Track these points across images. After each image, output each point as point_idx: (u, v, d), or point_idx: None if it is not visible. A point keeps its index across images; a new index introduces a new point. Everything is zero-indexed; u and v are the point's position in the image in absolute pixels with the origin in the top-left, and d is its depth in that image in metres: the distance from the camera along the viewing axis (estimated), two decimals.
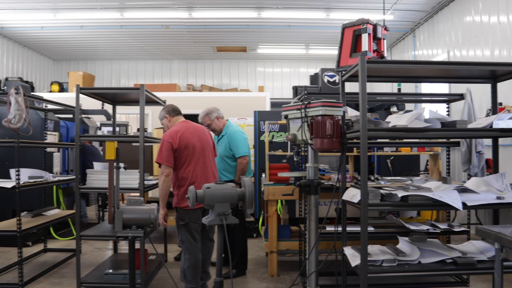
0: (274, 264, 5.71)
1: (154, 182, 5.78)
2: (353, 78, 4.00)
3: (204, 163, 4.77)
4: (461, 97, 5.22)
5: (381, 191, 3.85)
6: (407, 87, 11.61)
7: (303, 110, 4.02)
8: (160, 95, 6.18)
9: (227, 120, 5.95)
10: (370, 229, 4.79)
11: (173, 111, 5.03)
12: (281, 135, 7.31)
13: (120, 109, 6.69)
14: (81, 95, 5.25)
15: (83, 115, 8.83)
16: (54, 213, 6.52)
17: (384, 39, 4.07)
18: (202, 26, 11.78)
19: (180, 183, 4.70)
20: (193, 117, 5.45)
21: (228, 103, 6.08)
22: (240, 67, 15.73)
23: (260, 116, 7.57)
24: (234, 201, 3.44)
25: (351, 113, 4.24)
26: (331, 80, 7.06)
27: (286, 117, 4.36)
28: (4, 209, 7.35)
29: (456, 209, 3.56)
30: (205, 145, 4.85)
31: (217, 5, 10.22)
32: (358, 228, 3.59)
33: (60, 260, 6.49)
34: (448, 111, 5.50)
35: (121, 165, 5.00)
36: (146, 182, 5.30)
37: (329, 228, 4.83)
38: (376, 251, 3.99)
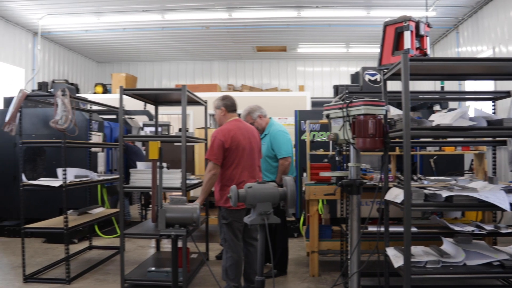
0: (315, 264, 5.68)
1: (196, 181, 5.83)
2: (395, 76, 3.94)
3: (252, 166, 4.78)
4: (507, 94, 5.06)
5: (425, 191, 3.78)
6: (451, 85, 11.35)
7: (345, 109, 3.98)
8: (201, 95, 6.24)
9: (270, 118, 5.94)
10: (413, 229, 4.70)
11: (231, 107, 4.98)
12: (322, 135, 7.27)
13: (161, 109, 6.77)
14: (124, 96, 5.36)
15: (126, 116, 8.99)
16: (98, 211, 6.68)
17: (427, 36, 4.00)
18: (242, 26, 11.83)
19: (226, 183, 4.71)
20: None
21: (269, 103, 6.08)
22: (280, 67, 15.71)
23: (300, 116, 7.55)
24: (275, 201, 3.44)
25: (394, 112, 4.18)
26: (372, 78, 6.98)
27: (327, 116, 4.33)
28: (51, 207, 7.58)
29: (503, 210, 3.47)
30: (254, 147, 4.85)
31: (257, 5, 10.24)
32: (400, 229, 3.55)
33: (104, 257, 6.64)
34: (494, 109, 5.34)
35: (164, 164, 5.08)
36: (188, 182, 5.35)
37: (371, 228, 4.77)
38: (420, 252, 3.92)
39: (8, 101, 8.36)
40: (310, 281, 5.53)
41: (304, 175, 6.54)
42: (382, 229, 4.19)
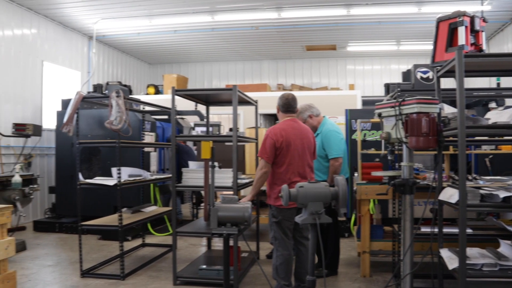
0: (366, 264, 5.62)
1: (247, 181, 5.87)
2: (449, 73, 3.86)
3: (303, 166, 4.75)
4: None
5: (481, 191, 3.68)
6: (507, 81, 10.96)
7: (397, 108, 3.93)
8: (250, 95, 6.27)
9: (323, 117, 5.90)
10: (468, 231, 4.58)
11: (283, 107, 4.94)
12: (373, 134, 7.18)
13: (212, 109, 6.85)
14: (175, 97, 5.45)
15: (178, 116, 9.14)
16: (151, 210, 6.82)
17: (482, 31, 3.88)
18: (291, 26, 11.81)
19: (276, 182, 4.72)
20: None
21: (319, 102, 6.04)
22: (330, 66, 15.58)
23: (351, 115, 7.48)
24: (327, 200, 3.42)
25: (448, 110, 4.09)
26: (424, 76, 6.84)
27: (379, 115, 4.27)
28: (106, 205, 7.80)
29: None
30: (306, 148, 4.81)
31: (306, 4, 10.19)
32: (455, 230, 3.46)
33: (157, 254, 6.78)
34: None
35: (216, 164, 5.14)
36: (238, 181, 5.39)
37: (425, 229, 4.68)
38: (475, 254, 3.82)
39: (65, 103, 8.68)
40: (361, 282, 5.47)
41: (356, 174, 6.47)
42: (436, 230, 4.11)
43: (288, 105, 4.93)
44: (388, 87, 7.03)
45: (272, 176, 4.78)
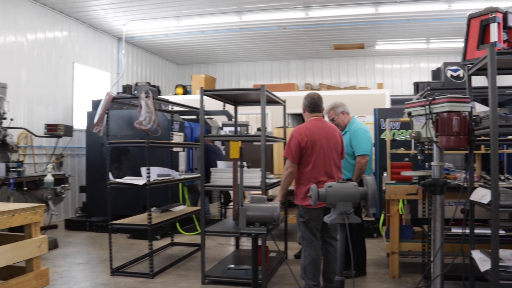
0: (395, 265, 5.56)
1: (275, 180, 5.87)
2: (481, 71, 3.79)
3: (329, 165, 4.72)
4: None
5: None
6: None
7: (427, 107, 3.88)
8: (278, 94, 6.25)
9: (352, 116, 5.88)
10: (501, 232, 4.49)
11: (308, 106, 4.93)
12: (402, 133, 7.11)
13: (240, 109, 6.87)
14: (203, 97, 5.48)
15: (206, 116, 9.19)
16: (180, 209, 6.87)
17: None
18: (319, 25, 11.75)
19: (303, 182, 4.72)
20: None
21: (347, 101, 6.00)
22: (358, 65, 15.45)
23: (380, 114, 7.41)
24: (356, 200, 3.41)
25: (479, 108, 4.02)
26: (455, 74, 6.73)
27: (409, 114, 4.22)
28: (135, 205, 7.89)
29: None
30: (333, 147, 4.78)
31: (334, 3, 10.13)
32: (487, 231, 3.40)
33: (185, 253, 6.83)
34: None
35: (244, 163, 5.15)
36: (267, 181, 5.40)
37: (455, 230, 4.61)
38: (508, 256, 3.74)
39: (96, 104, 8.82)
40: (390, 283, 5.42)
41: (385, 174, 6.41)
42: (467, 231, 4.04)
43: (314, 104, 4.91)
44: (417, 86, 6.94)
45: (298, 176, 4.78)
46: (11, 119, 7.10)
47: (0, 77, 8.20)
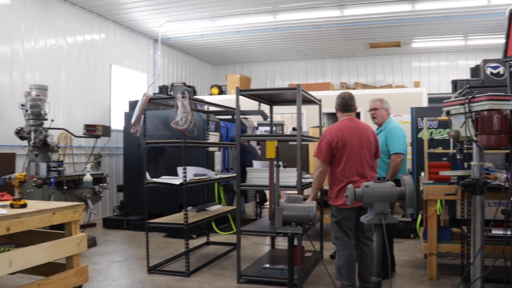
0: (433, 266, 5.46)
1: (311, 180, 5.84)
2: None
3: (362, 165, 4.67)
4: None
5: None
6: None
7: (466, 105, 3.80)
8: (313, 94, 6.23)
9: (390, 116, 5.86)
10: None
11: (340, 106, 4.92)
12: (440, 132, 6.98)
13: (275, 109, 6.86)
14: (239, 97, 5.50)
15: (241, 116, 9.20)
16: (215, 208, 6.91)
17: None
18: (354, 23, 11.63)
19: (335, 182, 4.71)
20: None
21: None
22: (394, 63, 15.24)
23: (417, 113, 7.31)
24: (393, 200, 3.37)
25: None
26: (495, 71, 6.56)
27: (448, 113, 4.15)
28: (172, 204, 7.98)
29: None
30: (365, 146, 4.73)
31: (369, 1, 10.02)
32: None
33: (221, 253, 6.87)
34: None
35: (280, 163, 5.15)
36: (303, 180, 5.38)
37: (496, 232, 4.50)
38: None
39: (133, 104, 8.95)
40: (428, 284, 5.32)
41: (422, 174, 6.31)
42: (509, 232, 3.94)
43: (345, 104, 4.89)
44: (455, 84, 6.80)
45: (330, 176, 4.77)
46: (52, 120, 7.29)
47: (41, 79, 8.44)
